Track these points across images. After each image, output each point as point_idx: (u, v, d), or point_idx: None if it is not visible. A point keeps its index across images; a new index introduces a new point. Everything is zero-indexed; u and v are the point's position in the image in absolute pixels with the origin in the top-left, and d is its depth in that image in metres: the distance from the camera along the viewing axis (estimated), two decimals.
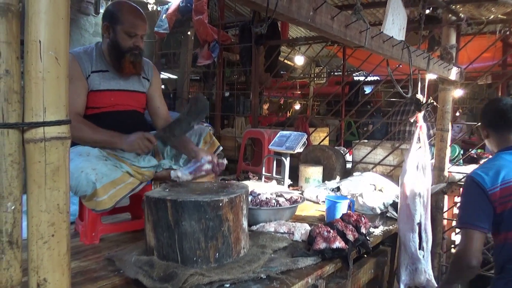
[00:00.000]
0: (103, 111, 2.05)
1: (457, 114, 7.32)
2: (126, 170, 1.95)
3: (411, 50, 2.06)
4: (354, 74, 9.59)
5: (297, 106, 11.44)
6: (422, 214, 2.19)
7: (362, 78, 8.95)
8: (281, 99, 10.17)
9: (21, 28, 0.68)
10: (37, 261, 0.69)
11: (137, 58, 2.06)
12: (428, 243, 2.20)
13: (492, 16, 3.00)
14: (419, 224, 2.19)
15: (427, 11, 3.44)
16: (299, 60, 8.22)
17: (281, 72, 7.34)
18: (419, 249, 2.20)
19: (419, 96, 2.21)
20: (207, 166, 1.68)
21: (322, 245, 1.81)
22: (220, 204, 1.59)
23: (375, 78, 8.88)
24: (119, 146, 1.96)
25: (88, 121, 1.96)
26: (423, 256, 2.19)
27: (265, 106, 8.08)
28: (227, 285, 1.48)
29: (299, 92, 9.94)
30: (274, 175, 3.29)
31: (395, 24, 2.01)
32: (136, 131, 2.17)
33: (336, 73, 9.12)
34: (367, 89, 9.75)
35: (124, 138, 1.95)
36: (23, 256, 0.72)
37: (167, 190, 1.76)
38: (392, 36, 1.83)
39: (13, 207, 0.67)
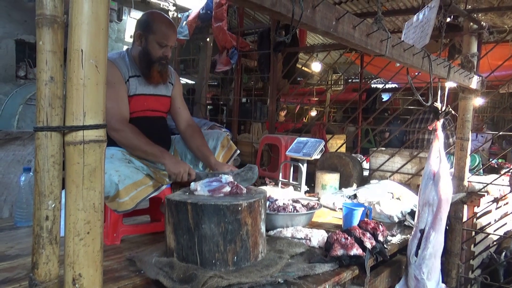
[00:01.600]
0: (134, 116, 2.12)
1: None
2: (148, 173, 2.00)
3: (431, 59, 2.06)
4: (372, 81, 9.53)
5: (314, 113, 11.42)
6: (428, 222, 2.19)
7: (380, 86, 8.89)
8: (297, 107, 10.17)
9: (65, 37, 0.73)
10: (73, 257, 0.73)
11: (164, 68, 2.14)
12: (425, 251, 2.18)
13: None
14: (422, 231, 2.19)
15: (448, 19, 3.42)
16: (316, 67, 8.23)
17: (298, 79, 7.36)
18: (415, 255, 2.20)
19: (437, 104, 2.20)
20: (227, 189, 1.72)
21: (339, 251, 1.82)
22: (239, 208, 1.62)
23: (393, 85, 8.82)
24: (163, 163, 2.02)
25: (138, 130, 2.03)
26: (415, 262, 2.18)
27: (282, 113, 8.10)
28: None
29: (316, 99, 9.94)
30: (291, 181, 3.30)
31: (416, 32, 2.02)
32: (161, 137, 2.22)
33: (353, 80, 9.08)
34: (385, 97, 9.68)
35: (172, 160, 2.01)
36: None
37: (187, 193, 1.80)
38: (413, 45, 1.84)
39: (53, 205, 0.71)
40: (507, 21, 2.77)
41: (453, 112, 2.42)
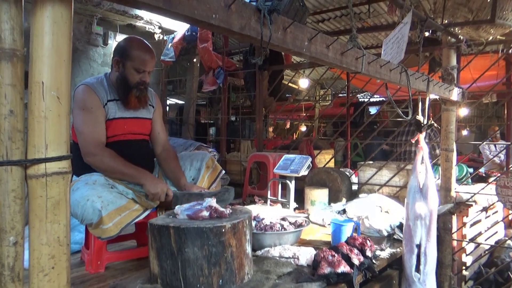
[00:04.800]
0: (115, 140, 2.11)
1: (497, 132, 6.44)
2: (132, 197, 1.98)
3: (409, 73, 2.09)
4: (359, 95, 9.65)
5: (304, 128, 11.48)
6: (422, 236, 2.17)
7: (367, 99, 8.99)
8: (287, 123, 10.22)
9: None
10: None
11: (142, 93, 2.14)
12: (426, 266, 2.16)
13: (491, 37, 3.03)
14: (419, 246, 2.17)
15: (427, 34, 3.50)
16: (303, 83, 8.31)
17: (287, 96, 7.42)
18: (416, 271, 2.17)
19: (419, 117, 2.23)
20: (205, 213, 1.70)
21: (327, 269, 1.80)
22: (223, 230, 1.60)
23: (381, 98, 8.93)
24: (142, 183, 2.02)
25: (116, 153, 2.02)
26: (419, 279, 2.15)
27: (270, 129, 8.12)
28: None
29: (305, 114, 10.02)
30: (279, 198, 3.29)
31: (393, 48, 2.06)
32: (144, 159, 2.21)
33: (340, 95, 9.19)
34: (373, 110, 9.79)
35: (151, 181, 2.02)
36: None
37: (171, 217, 1.78)
38: (390, 61, 1.87)
39: (15, 241, 0.70)
40: (483, 34, 2.83)
41: (435, 124, 2.45)
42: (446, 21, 2.98)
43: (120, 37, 5.33)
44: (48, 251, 0.72)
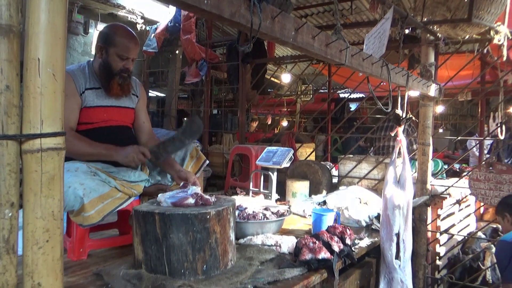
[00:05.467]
0: (95, 127, 2.10)
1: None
2: (114, 185, 1.97)
3: (390, 68, 2.16)
4: (340, 91, 9.80)
5: (285, 123, 11.57)
6: (401, 225, 2.26)
7: (348, 94, 9.14)
8: (268, 119, 10.28)
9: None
10: (32, 266, 0.72)
11: (125, 81, 2.13)
12: (405, 254, 2.25)
13: (467, 36, 3.15)
14: (398, 235, 2.26)
15: (407, 31, 3.59)
16: (285, 78, 8.37)
17: (269, 90, 7.47)
18: (396, 258, 2.26)
19: (398, 111, 2.31)
20: (190, 201, 1.72)
21: (308, 256, 1.85)
22: (208, 217, 1.63)
23: (360, 95, 9.09)
24: (114, 159, 1.99)
25: (82, 135, 1.99)
26: (399, 266, 2.24)
27: (254, 124, 8.15)
28: None
29: (286, 109, 10.12)
30: (261, 190, 3.33)
31: (375, 43, 2.12)
32: (126, 145, 2.21)
33: (321, 90, 9.30)
34: (353, 106, 9.95)
35: (119, 151, 1.98)
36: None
37: (155, 204, 1.79)
38: (371, 54, 1.93)
39: (10, 214, 0.71)
40: (460, 32, 2.94)
41: (413, 118, 2.54)
42: (425, 19, 3.07)
43: (101, 26, 5.24)
44: (42, 224, 0.73)
